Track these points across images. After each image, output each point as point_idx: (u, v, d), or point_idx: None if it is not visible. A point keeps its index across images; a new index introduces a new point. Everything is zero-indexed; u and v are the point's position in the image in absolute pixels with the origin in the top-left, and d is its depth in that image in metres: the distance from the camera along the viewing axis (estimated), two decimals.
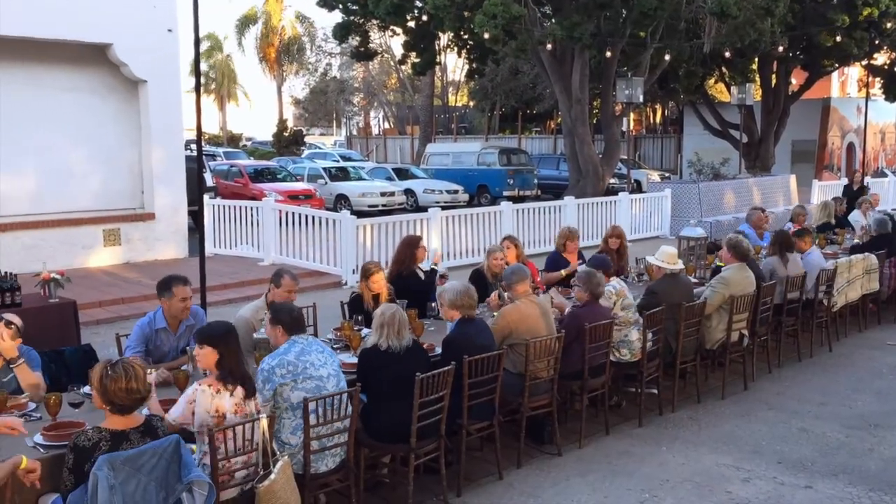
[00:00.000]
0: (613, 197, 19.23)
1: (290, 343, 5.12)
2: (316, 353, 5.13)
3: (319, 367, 5.08)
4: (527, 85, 41.54)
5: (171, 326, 6.14)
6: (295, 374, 4.97)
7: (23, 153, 13.67)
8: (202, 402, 4.47)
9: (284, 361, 4.98)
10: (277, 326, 5.21)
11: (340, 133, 65.87)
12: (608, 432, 7.03)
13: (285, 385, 4.93)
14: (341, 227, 13.68)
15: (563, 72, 24.78)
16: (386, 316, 5.50)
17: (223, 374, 4.59)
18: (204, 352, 4.66)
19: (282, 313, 5.29)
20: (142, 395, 4.10)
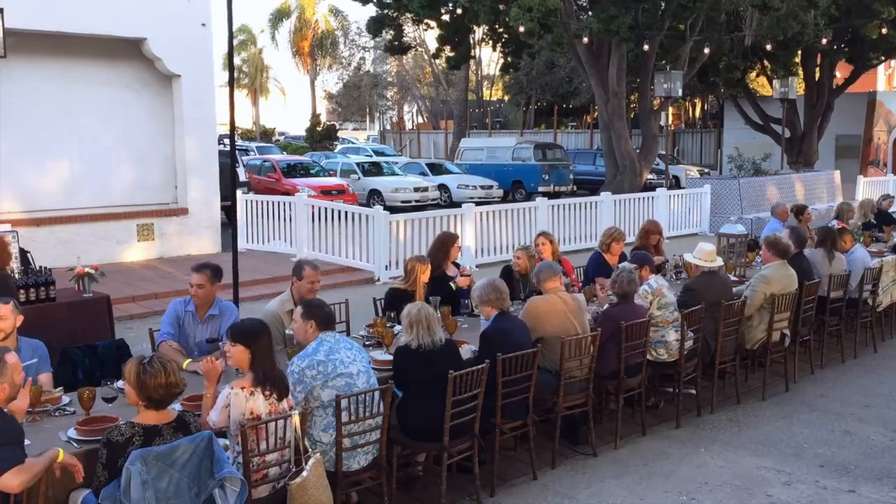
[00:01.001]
0: (651, 193, 19.08)
1: (319, 342, 5.12)
2: (345, 351, 5.13)
3: (349, 364, 5.08)
4: (563, 79, 41.34)
5: (198, 313, 6.28)
6: (325, 374, 4.98)
7: (58, 148, 13.87)
8: (237, 404, 4.48)
9: (315, 362, 4.99)
10: (311, 321, 5.19)
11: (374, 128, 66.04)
12: (645, 433, 6.98)
13: (316, 385, 4.95)
14: (374, 223, 13.71)
15: (600, 65, 24.61)
16: (413, 314, 5.49)
17: (257, 375, 4.59)
18: (237, 349, 4.67)
19: (317, 308, 5.29)
20: (179, 389, 4.16)
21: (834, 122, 30.64)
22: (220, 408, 4.55)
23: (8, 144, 12.59)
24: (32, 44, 12.99)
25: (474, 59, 42.66)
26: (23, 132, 13.29)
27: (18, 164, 13.24)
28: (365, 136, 60.80)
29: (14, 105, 13.07)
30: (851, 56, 29.28)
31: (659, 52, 25.16)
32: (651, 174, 27.25)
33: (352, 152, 35.99)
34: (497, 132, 43.30)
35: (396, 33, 30.25)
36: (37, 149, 13.59)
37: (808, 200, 19.58)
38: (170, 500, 3.99)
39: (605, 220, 16.79)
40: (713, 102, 43.45)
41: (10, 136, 12.71)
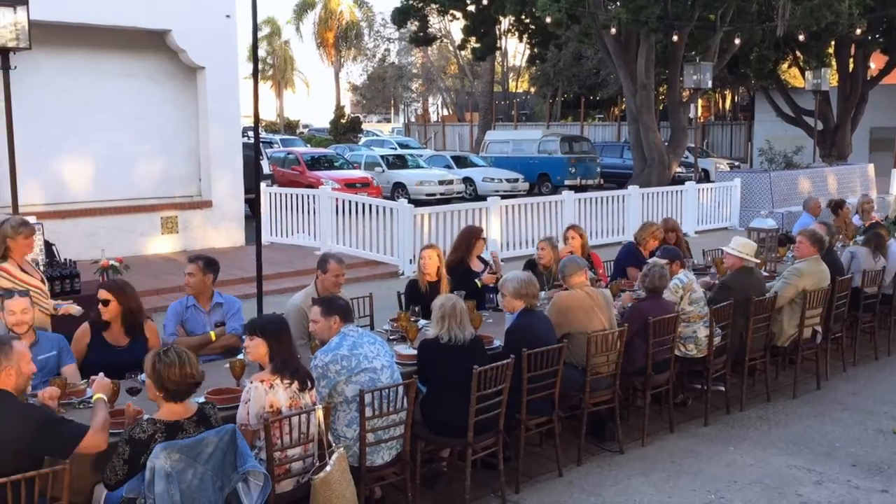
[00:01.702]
0: (680, 186, 18.94)
1: (342, 336, 5.12)
2: (368, 345, 5.14)
3: (373, 358, 5.10)
4: (590, 70, 41.15)
5: (200, 304, 6.41)
6: (349, 369, 4.99)
7: (82, 140, 13.99)
8: (256, 398, 4.51)
9: (338, 357, 5.00)
10: (333, 316, 5.20)
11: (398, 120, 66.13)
12: (672, 430, 6.95)
13: (340, 380, 4.96)
14: (398, 216, 13.73)
15: (628, 57, 24.49)
16: (447, 307, 5.48)
17: (276, 366, 4.62)
18: (254, 343, 4.70)
19: (335, 303, 5.30)
20: (196, 381, 4.18)
21: (868, 115, 30.25)
22: (241, 404, 4.57)
23: (33, 137, 12.70)
24: (57, 35, 13.10)
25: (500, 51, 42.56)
26: (48, 124, 13.41)
27: (43, 157, 13.37)
28: (389, 128, 60.89)
29: (39, 97, 13.19)
30: (886, 46, 28.87)
31: (688, 43, 25.00)
32: (680, 167, 27.08)
33: (376, 145, 36.04)
34: (523, 124, 43.18)
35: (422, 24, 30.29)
36: (61, 141, 13.72)
37: (841, 194, 19.35)
38: (194, 493, 4.02)
39: (633, 214, 16.72)
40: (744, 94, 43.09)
41: (35, 129, 12.82)
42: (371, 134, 47.87)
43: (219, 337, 6.29)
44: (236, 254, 14.21)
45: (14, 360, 4.07)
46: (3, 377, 4.03)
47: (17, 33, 9.25)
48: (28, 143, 12.11)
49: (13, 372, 4.06)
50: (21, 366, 4.10)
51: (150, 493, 3.93)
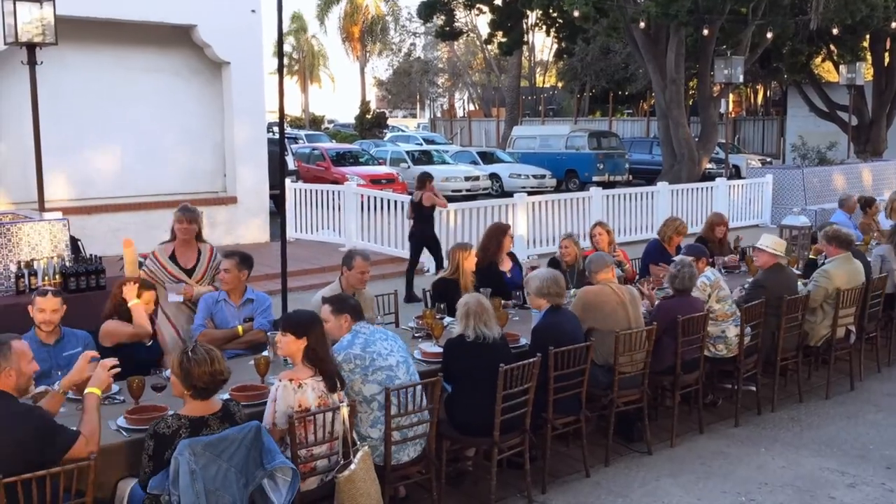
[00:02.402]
0: (710, 183, 18.80)
1: (354, 334, 5.11)
2: (381, 342, 5.12)
3: (387, 355, 5.08)
4: (618, 65, 40.92)
5: (231, 298, 6.45)
6: (364, 368, 4.98)
7: (107, 136, 14.11)
8: (284, 397, 4.51)
9: (351, 356, 4.99)
10: (343, 315, 5.18)
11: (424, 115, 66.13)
12: (702, 431, 6.90)
13: (355, 379, 4.96)
14: None
15: (658, 51, 24.33)
16: (471, 305, 5.47)
17: (307, 363, 4.63)
18: (287, 339, 4.69)
19: (343, 302, 5.31)
20: (224, 378, 4.19)
21: None
22: (269, 404, 4.58)
23: (59, 132, 12.83)
24: (83, 31, 13.22)
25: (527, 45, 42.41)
26: (73, 120, 13.55)
27: (69, 152, 13.50)
28: (415, 123, 60.90)
29: (65, 92, 13.33)
30: None
31: (719, 37, 24.79)
32: (710, 163, 26.87)
33: (402, 140, 36.09)
34: (550, 120, 43.06)
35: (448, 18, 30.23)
36: (87, 137, 13.85)
37: (876, 191, 19.14)
38: (218, 490, 4.04)
39: (662, 211, 16.61)
40: (776, 89, 42.66)
41: (61, 124, 12.96)
42: (396, 129, 47.93)
43: (246, 332, 6.33)
44: (261, 250, 14.25)
45: (14, 360, 4.05)
46: (3, 378, 4.02)
47: (44, 29, 9.35)
48: (54, 139, 12.25)
49: (13, 372, 4.05)
50: (21, 365, 4.08)
51: (174, 490, 3.95)
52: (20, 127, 11.47)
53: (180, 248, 6.99)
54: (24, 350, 4.16)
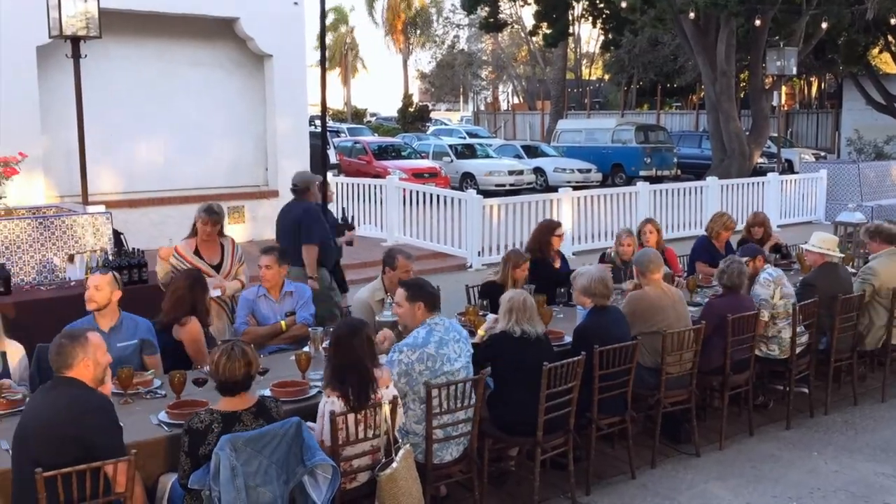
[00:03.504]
0: (761, 178, 18.56)
1: (429, 331, 5.08)
2: (453, 343, 5.11)
3: (454, 360, 5.07)
4: (667, 56, 40.51)
5: (271, 294, 6.51)
6: (433, 371, 4.97)
7: (150, 129, 14.28)
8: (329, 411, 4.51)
9: (425, 355, 4.97)
10: (417, 303, 5.18)
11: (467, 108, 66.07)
12: (752, 434, 6.81)
13: (420, 380, 4.95)
14: (467, 207, 13.72)
15: (708, 42, 24.06)
16: (515, 301, 5.44)
17: (329, 377, 4.60)
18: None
19: (421, 289, 5.26)
20: (252, 377, 4.23)
21: None
22: (318, 419, 4.58)
23: (103, 125, 12.99)
24: (127, 24, 13.38)
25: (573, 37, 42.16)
26: (117, 113, 13.71)
27: (113, 146, 13.67)
28: (458, 117, 60.88)
29: (109, 86, 13.49)
30: None
31: (772, 27, 24.44)
32: (762, 158, 26.53)
33: (444, 134, 36.08)
34: (596, 113, 42.75)
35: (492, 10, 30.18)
36: (130, 130, 14.01)
37: None
38: (258, 486, 4.07)
39: (711, 207, 16.41)
40: (831, 81, 41.95)
41: (104, 117, 13.12)
42: (439, 123, 47.94)
43: (289, 327, 6.37)
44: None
45: (90, 351, 4.15)
46: (81, 368, 4.12)
47: (88, 22, 9.48)
48: (98, 132, 12.41)
49: (90, 363, 4.14)
50: (98, 357, 4.19)
51: (214, 486, 3.98)
52: (64, 120, 11.63)
53: (203, 244, 7.10)
54: (100, 341, 4.27)
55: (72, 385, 4.09)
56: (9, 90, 12.31)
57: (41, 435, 3.95)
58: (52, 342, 4.22)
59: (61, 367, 4.12)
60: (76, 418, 3.95)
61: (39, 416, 4.03)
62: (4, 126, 12.17)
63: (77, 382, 4.10)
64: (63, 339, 4.18)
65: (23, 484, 3.90)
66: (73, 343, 4.14)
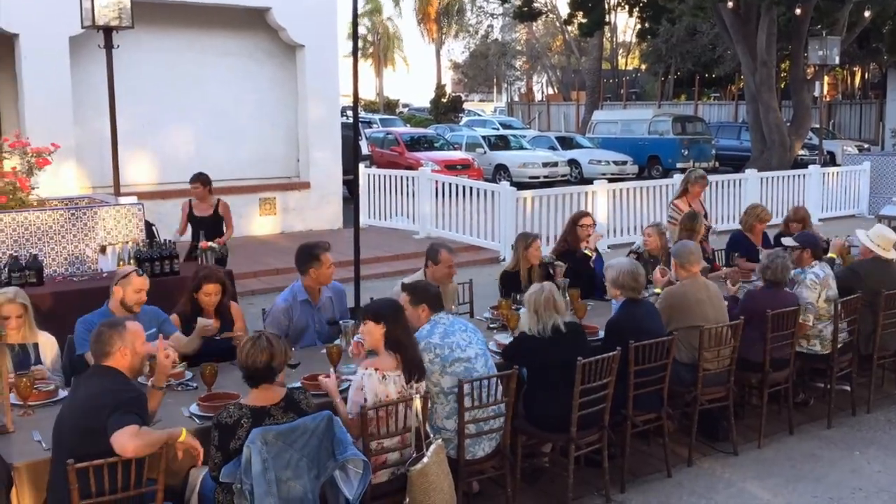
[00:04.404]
0: (802, 170, 18.31)
1: (433, 325, 5.12)
2: (460, 333, 5.12)
3: (466, 347, 5.08)
4: (705, 46, 40.17)
5: (312, 298, 6.30)
6: (443, 358, 4.98)
7: (182, 120, 14.40)
8: (371, 386, 4.54)
9: (431, 345, 4.99)
10: (421, 305, 5.20)
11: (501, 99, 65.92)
12: (792, 432, 6.73)
13: (434, 370, 4.96)
14: (500, 200, 13.69)
15: (748, 31, 23.79)
16: (537, 299, 5.40)
17: (397, 353, 4.64)
18: (368, 328, 4.71)
19: (423, 291, 5.30)
20: (273, 369, 4.22)
21: None
22: (353, 391, 4.61)
23: (134, 116, 13.13)
24: (159, 14, 13.49)
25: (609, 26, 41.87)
26: (149, 104, 13.84)
27: (144, 136, 13.81)
28: (492, 107, 60.72)
29: (141, 76, 13.62)
30: None
31: (814, 16, 24.13)
32: (803, 150, 26.21)
33: (478, 125, 36.02)
34: (633, 104, 42.47)
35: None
36: (162, 121, 14.14)
37: None
38: (289, 480, 4.09)
39: (750, 200, 16.17)
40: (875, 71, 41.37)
41: (136, 108, 13.25)
42: (472, 113, 47.86)
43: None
44: (333, 236, 14.40)
45: (129, 340, 4.20)
46: (118, 357, 4.17)
47: (120, 12, 9.56)
48: (130, 123, 12.53)
49: (128, 352, 4.19)
50: (136, 346, 4.24)
51: (245, 479, 4.01)
52: (97, 111, 11.77)
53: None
54: (139, 330, 4.31)
55: (108, 375, 4.14)
56: (42, 81, 12.47)
57: (74, 425, 4.00)
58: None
59: (99, 355, 4.18)
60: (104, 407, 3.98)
61: (73, 406, 4.08)
62: (37, 117, 12.33)
63: (114, 372, 4.15)
64: (102, 327, 4.25)
65: (57, 473, 3.95)
66: (112, 331, 4.19)
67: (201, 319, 5.59)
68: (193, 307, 5.90)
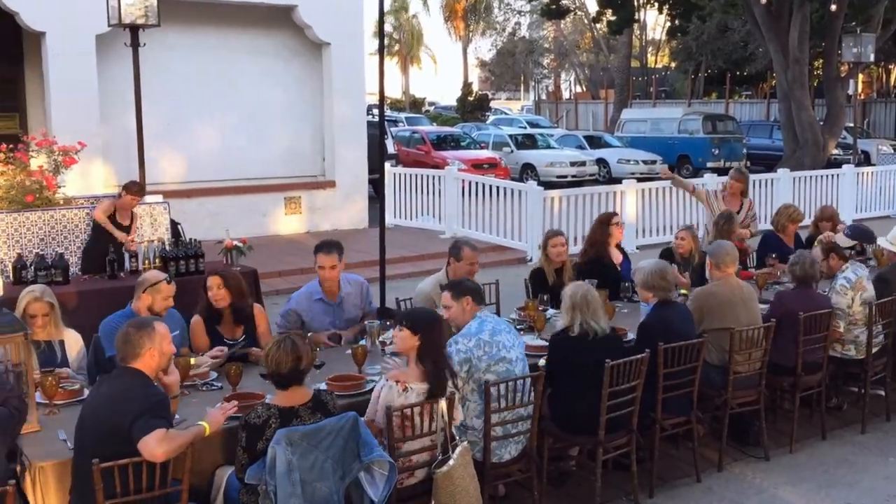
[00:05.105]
0: (836, 170, 18.14)
1: (481, 321, 5.12)
2: (505, 333, 5.15)
3: (510, 348, 5.09)
4: (736, 43, 39.88)
5: (329, 297, 6.29)
6: (490, 356, 4.99)
7: (208, 118, 14.48)
8: (387, 398, 4.53)
9: (481, 342, 4.99)
10: (465, 297, 5.20)
11: (528, 97, 65.83)
12: (824, 437, 6.66)
13: (481, 367, 4.95)
14: (527, 199, 13.66)
15: (780, 28, 23.60)
16: (577, 297, 5.38)
17: (425, 366, 4.60)
18: (403, 335, 4.68)
19: (463, 284, 5.33)
20: (299, 370, 4.23)
21: None
22: (373, 401, 4.61)
23: (160, 114, 13.21)
24: (184, 12, 13.57)
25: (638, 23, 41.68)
26: (175, 102, 13.94)
27: (170, 135, 13.89)
28: (519, 106, 60.66)
29: (167, 75, 13.71)
30: None
31: (848, 13, 23.90)
32: (837, 149, 25.95)
33: (504, 124, 35.99)
34: (662, 102, 42.26)
35: None
36: (188, 119, 14.23)
37: None
38: (314, 482, 4.10)
39: (782, 200, 16.06)
40: None
41: (162, 106, 13.34)
42: (499, 112, 47.81)
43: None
44: (359, 236, 14.45)
45: (157, 341, 4.22)
46: (146, 358, 4.18)
47: (146, 10, 9.65)
48: (155, 122, 12.63)
49: (156, 353, 4.21)
50: (163, 346, 4.26)
51: (270, 480, 4.02)
52: (123, 109, 11.85)
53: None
54: (166, 332, 4.34)
55: (134, 377, 4.15)
56: (68, 79, 12.58)
57: (95, 425, 4.02)
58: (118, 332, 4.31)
59: (128, 357, 4.19)
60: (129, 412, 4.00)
61: (96, 406, 4.10)
62: (64, 115, 12.44)
63: (139, 374, 4.16)
64: (130, 328, 4.26)
65: (81, 474, 3.98)
66: (141, 332, 4.21)
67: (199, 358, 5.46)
68: (208, 308, 5.91)
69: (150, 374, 4.21)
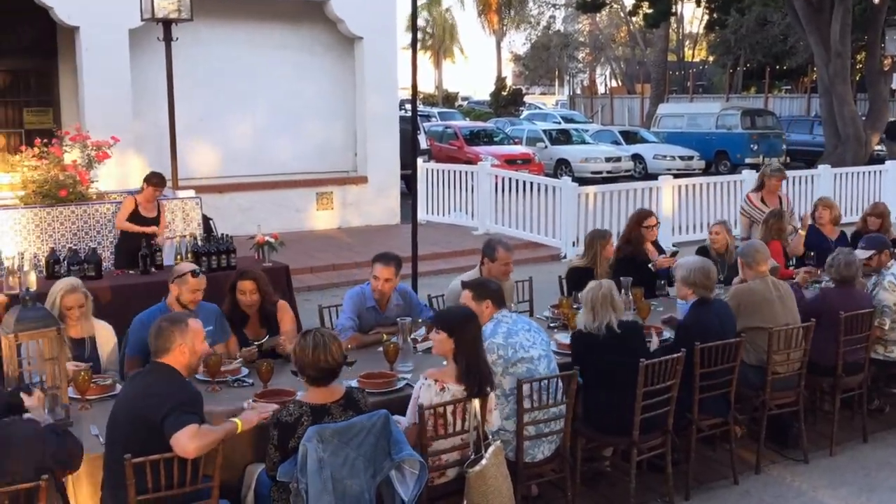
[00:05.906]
0: (879, 166, 17.88)
1: (496, 323, 5.09)
2: (523, 333, 5.10)
3: (529, 347, 5.05)
4: (776, 37, 39.43)
5: (379, 306, 6.24)
6: (506, 359, 4.96)
7: (240, 113, 14.57)
8: (425, 397, 4.53)
9: (494, 345, 4.97)
10: (485, 301, 5.17)
11: (563, 92, 65.55)
12: (866, 440, 6.58)
13: (497, 371, 4.93)
14: (562, 195, 13.61)
15: (821, 21, 23.32)
16: (596, 295, 5.35)
17: (460, 368, 4.59)
18: (440, 338, 4.67)
19: (485, 286, 5.29)
20: (330, 367, 4.21)
21: None
22: (412, 404, 4.61)
23: (193, 109, 13.31)
24: (217, 7, 13.66)
25: (675, 17, 41.39)
26: (207, 97, 14.04)
27: (203, 130, 14.00)
28: (553, 101, 60.46)
29: (199, 69, 13.81)
30: None
31: (891, 5, 23.60)
32: (879, 145, 25.61)
33: (539, 119, 35.90)
34: (699, 97, 41.92)
35: None
36: (220, 114, 14.33)
37: None
38: (345, 479, 4.10)
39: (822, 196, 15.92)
40: None
41: (194, 101, 13.44)
42: (533, 107, 47.72)
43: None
44: (391, 232, 14.47)
45: (189, 337, 4.23)
46: (177, 354, 4.20)
47: (179, 5, 9.72)
48: (188, 116, 12.71)
49: (186, 350, 4.22)
50: (195, 344, 4.26)
51: (302, 477, 4.03)
52: (156, 104, 11.95)
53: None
54: (199, 329, 4.35)
55: (164, 373, 4.18)
56: (102, 74, 12.71)
57: (126, 420, 4.06)
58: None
59: (159, 351, 4.21)
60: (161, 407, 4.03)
61: (126, 400, 4.14)
62: (97, 110, 12.58)
63: (170, 370, 4.19)
64: (164, 322, 4.28)
65: (113, 469, 4.02)
66: (173, 327, 4.23)
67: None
68: (233, 307, 5.92)
69: (181, 371, 4.22)
